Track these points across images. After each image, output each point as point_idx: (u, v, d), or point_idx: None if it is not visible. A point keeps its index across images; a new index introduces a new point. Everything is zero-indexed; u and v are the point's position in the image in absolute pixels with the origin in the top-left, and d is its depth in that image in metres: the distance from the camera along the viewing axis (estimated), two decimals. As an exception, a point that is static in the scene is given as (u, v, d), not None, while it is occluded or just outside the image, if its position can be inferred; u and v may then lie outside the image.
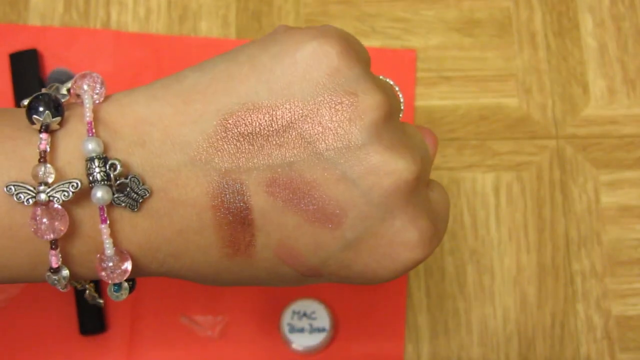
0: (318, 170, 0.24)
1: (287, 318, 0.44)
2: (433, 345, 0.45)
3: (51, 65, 0.49)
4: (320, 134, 0.24)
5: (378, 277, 0.26)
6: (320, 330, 0.43)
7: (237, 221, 0.24)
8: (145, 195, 0.24)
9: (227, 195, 0.24)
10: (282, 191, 0.24)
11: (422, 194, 0.26)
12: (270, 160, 0.24)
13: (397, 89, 0.28)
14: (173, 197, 0.24)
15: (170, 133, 0.24)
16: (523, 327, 0.45)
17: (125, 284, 0.25)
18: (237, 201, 0.24)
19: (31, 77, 0.47)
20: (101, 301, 0.28)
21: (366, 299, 0.45)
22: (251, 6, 0.51)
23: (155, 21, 0.51)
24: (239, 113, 0.24)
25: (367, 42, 0.50)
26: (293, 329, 0.43)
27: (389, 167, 0.24)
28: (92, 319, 0.44)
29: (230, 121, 0.24)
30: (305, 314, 0.44)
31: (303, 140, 0.24)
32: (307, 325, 0.44)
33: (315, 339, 0.43)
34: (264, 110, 0.24)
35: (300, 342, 0.43)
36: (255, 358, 0.44)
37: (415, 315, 0.45)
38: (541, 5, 0.51)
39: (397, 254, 0.25)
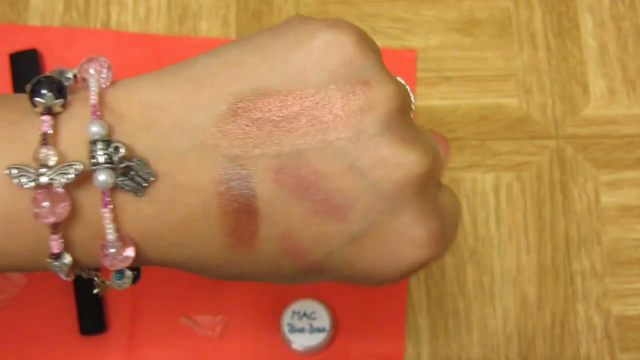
0: (327, 160, 0.23)
1: (287, 318, 0.44)
2: (433, 345, 0.45)
3: (51, 65, 0.49)
4: (330, 123, 0.23)
5: (383, 276, 0.25)
6: (320, 330, 0.43)
7: (242, 209, 0.23)
8: (150, 179, 0.23)
9: (233, 182, 0.23)
10: (289, 179, 0.23)
11: (432, 193, 0.25)
12: (279, 147, 0.23)
13: (408, 87, 0.27)
14: (178, 182, 0.23)
15: (178, 118, 0.24)
16: (523, 327, 0.45)
17: (129, 273, 0.25)
18: (243, 188, 0.23)
19: (31, 77, 0.47)
20: (108, 282, 0.27)
21: (366, 299, 0.45)
22: (251, 6, 0.51)
23: (155, 21, 0.51)
24: (249, 98, 0.23)
25: (367, 42, 0.50)
26: (293, 329, 0.43)
27: (400, 160, 0.23)
28: (92, 319, 0.44)
29: (239, 106, 0.23)
30: (305, 314, 0.44)
31: (313, 128, 0.23)
32: (307, 325, 0.44)
33: (315, 339, 0.43)
34: (275, 95, 0.23)
35: (300, 342, 0.43)
36: (255, 358, 0.44)
37: (415, 315, 0.45)
38: (541, 5, 0.51)
39: (404, 251, 0.24)
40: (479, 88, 0.50)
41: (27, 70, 0.48)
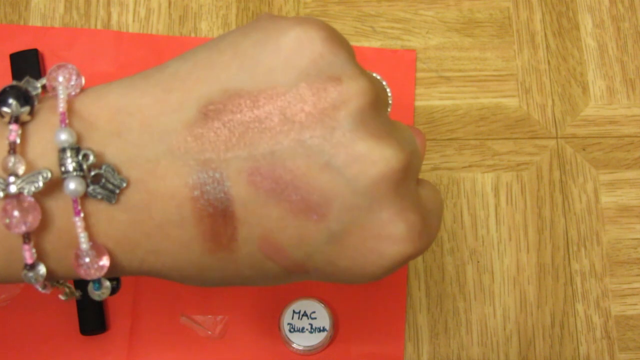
0: (301, 159, 0.23)
1: (287, 318, 0.44)
2: (433, 345, 0.45)
3: (52, 65, 0.49)
4: (303, 121, 0.23)
5: (366, 274, 0.25)
6: (320, 330, 0.43)
7: (217, 213, 0.23)
8: (122, 186, 0.23)
9: (207, 186, 0.23)
10: (264, 181, 0.23)
11: (411, 187, 0.25)
12: (252, 149, 0.23)
13: (384, 83, 0.27)
14: (151, 188, 0.23)
15: (148, 122, 0.23)
16: (523, 326, 0.45)
17: (107, 283, 0.24)
18: (217, 192, 0.23)
19: (32, 77, 0.47)
20: (77, 294, 0.27)
21: (366, 299, 0.45)
22: (251, 6, 0.51)
23: (155, 21, 0.51)
24: (220, 100, 0.23)
25: (367, 43, 0.50)
26: (293, 329, 0.44)
27: (375, 156, 0.23)
28: (92, 319, 0.44)
29: (210, 108, 0.23)
30: (305, 314, 0.44)
31: (285, 127, 0.23)
32: (307, 325, 0.44)
33: (315, 339, 0.43)
34: (245, 97, 0.23)
35: (300, 342, 0.43)
36: (255, 358, 0.44)
37: (415, 315, 0.45)
38: (541, 6, 0.51)
39: (384, 247, 0.24)
40: (479, 88, 0.50)
41: (28, 70, 0.48)
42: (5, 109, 0.23)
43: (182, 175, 0.23)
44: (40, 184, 0.22)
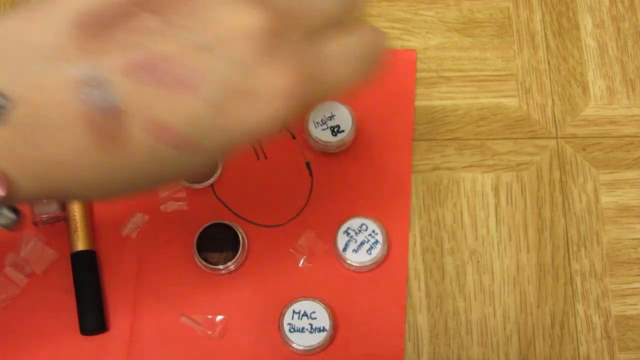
0: (170, 43, 0.24)
1: (287, 318, 0.44)
2: (433, 345, 0.45)
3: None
4: (166, 8, 0.25)
5: (254, 132, 0.26)
6: (320, 330, 0.43)
7: (103, 111, 0.24)
8: (5, 104, 0.24)
9: (89, 88, 0.24)
10: (141, 70, 0.24)
11: (292, 43, 0.26)
12: (125, 44, 0.24)
13: None
14: (36, 101, 0.24)
15: (23, 42, 0.24)
16: (523, 326, 0.45)
17: (6, 211, 0.25)
18: (100, 91, 0.24)
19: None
20: (14, 217, 0.27)
21: (366, 299, 0.45)
22: (251, 6, 0.51)
23: (155, 21, 0.51)
24: (89, 7, 0.25)
25: (367, 43, 0.50)
26: (293, 329, 0.44)
27: (233, 22, 0.25)
28: (92, 319, 0.44)
29: (80, 15, 0.25)
30: (305, 314, 0.44)
31: (153, 18, 0.25)
32: (307, 325, 0.44)
33: (315, 339, 0.43)
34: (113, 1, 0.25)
35: (300, 342, 0.43)
36: (255, 358, 0.44)
37: (415, 315, 0.45)
38: (541, 6, 0.51)
39: (261, 107, 0.25)
40: (479, 88, 0.50)
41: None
42: None
43: (64, 82, 0.24)
44: None
